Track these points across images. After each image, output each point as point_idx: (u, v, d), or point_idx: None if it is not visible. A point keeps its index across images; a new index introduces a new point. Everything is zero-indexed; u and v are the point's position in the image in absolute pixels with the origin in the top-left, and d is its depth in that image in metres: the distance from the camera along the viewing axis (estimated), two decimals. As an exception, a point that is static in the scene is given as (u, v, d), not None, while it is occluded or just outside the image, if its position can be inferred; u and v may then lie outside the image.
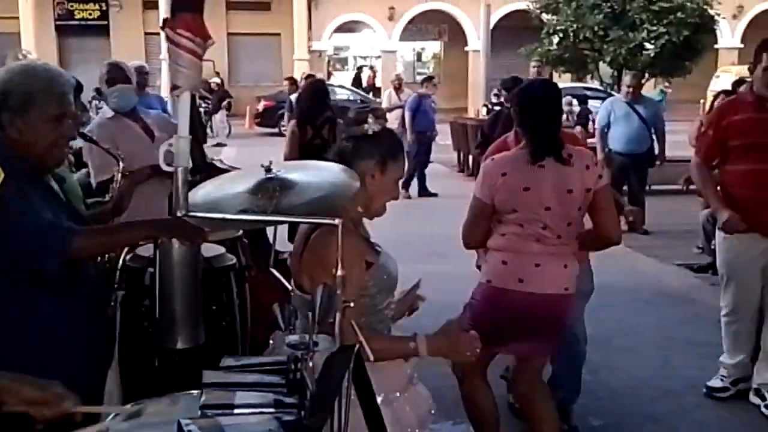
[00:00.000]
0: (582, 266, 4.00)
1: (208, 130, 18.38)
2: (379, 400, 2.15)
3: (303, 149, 6.08)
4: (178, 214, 2.11)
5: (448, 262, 6.56)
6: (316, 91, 6.58)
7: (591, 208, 3.14)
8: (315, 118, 6.22)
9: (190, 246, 2.41)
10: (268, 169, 2.12)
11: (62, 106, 2.17)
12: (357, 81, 29.81)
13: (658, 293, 6.37)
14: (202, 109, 17.99)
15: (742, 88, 6.05)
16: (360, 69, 31.98)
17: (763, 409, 4.13)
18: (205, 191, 2.29)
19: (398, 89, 13.72)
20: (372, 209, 2.32)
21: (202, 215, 2.05)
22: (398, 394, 2.33)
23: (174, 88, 2.12)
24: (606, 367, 4.17)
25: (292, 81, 13.76)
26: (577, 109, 15.61)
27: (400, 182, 2.41)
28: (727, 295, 4.29)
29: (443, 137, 16.13)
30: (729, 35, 29.35)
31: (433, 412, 2.46)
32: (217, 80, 22.53)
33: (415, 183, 11.75)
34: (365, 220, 2.40)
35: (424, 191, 11.66)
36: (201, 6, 2.21)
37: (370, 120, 2.23)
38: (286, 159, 6.22)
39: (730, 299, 4.28)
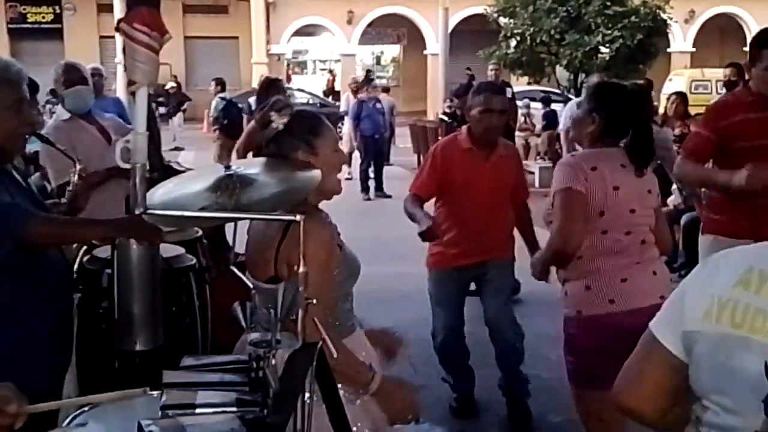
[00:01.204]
0: (506, 263, 4.19)
1: (168, 134, 18.15)
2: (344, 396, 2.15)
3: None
4: (136, 212, 2.09)
5: (406, 264, 6.57)
6: (269, 86, 6.51)
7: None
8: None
9: (148, 246, 2.38)
10: (227, 167, 2.10)
11: (19, 92, 2.18)
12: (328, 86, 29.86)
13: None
14: (159, 112, 17.81)
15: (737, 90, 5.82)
16: (332, 73, 31.91)
17: None
18: (164, 190, 2.27)
19: (356, 93, 13.78)
20: (327, 189, 2.28)
21: (160, 213, 2.02)
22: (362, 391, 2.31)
23: (131, 83, 2.09)
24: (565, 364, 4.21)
25: (219, 82, 13.47)
26: (535, 112, 15.77)
27: (358, 187, 2.41)
28: None
29: (404, 140, 16.20)
30: (681, 39, 29.93)
31: None
32: (173, 84, 22.25)
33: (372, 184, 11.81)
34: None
35: (380, 193, 11.70)
36: (157, 0, 2.18)
37: (274, 116, 2.20)
38: (242, 147, 6.15)
39: None
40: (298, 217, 1.75)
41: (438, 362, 4.40)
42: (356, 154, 12.73)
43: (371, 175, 12.00)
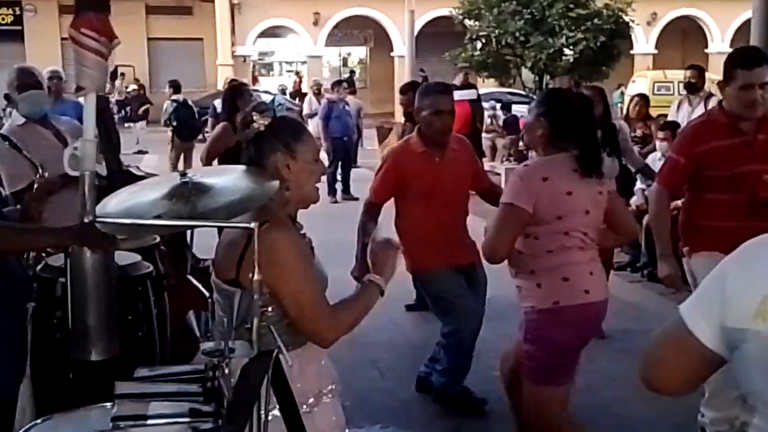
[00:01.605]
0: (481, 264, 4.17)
1: (132, 137, 17.92)
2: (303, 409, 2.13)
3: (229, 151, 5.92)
4: (86, 220, 2.05)
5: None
6: (233, 91, 6.43)
7: (609, 211, 3.11)
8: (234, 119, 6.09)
9: (102, 254, 2.34)
10: (183, 174, 2.07)
11: None
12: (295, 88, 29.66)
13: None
14: (120, 115, 17.60)
15: (710, 106, 5.75)
16: (298, 74, 31.75)
17: None
18: (118, 199, 2.22)
19: (318, 95, 13.77)
20: (304, 197, 2.27)
21: (111, 221, 1.98)
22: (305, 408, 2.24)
23: (78, 89, 2.05)
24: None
25: (172, 84, 13.33)
26: (501, 114, 15.85)
27: (325, 189, 2.40)
28: None
29: (371, 142, 16.19)
30: (644, 41, 30.32)
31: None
32: (135, 87, 21.98)
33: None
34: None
35: (347, 195, 11.69)
36: (107, 5, 2.14)
37: (255, 117, 2.19)
38: (207, 153, 6.12)
39: None
40: (252, 225, 1.73)
41: (401, 369, 4.40)
42: (323, 156, 12.70)
43: (339, 177, 11.97)
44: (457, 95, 11.74)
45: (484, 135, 12.51)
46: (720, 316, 1.37)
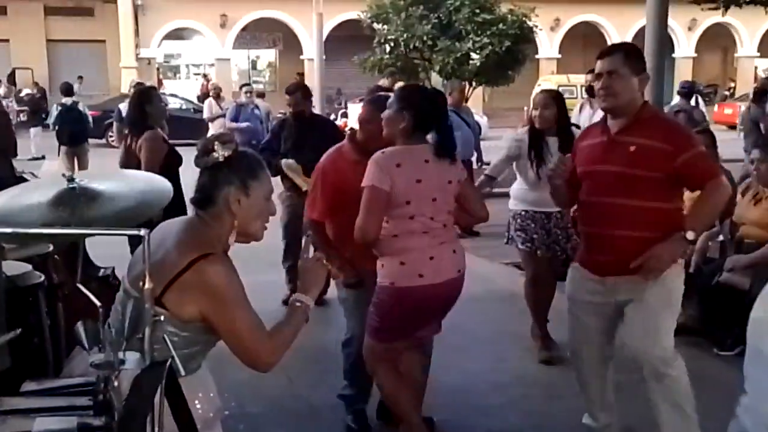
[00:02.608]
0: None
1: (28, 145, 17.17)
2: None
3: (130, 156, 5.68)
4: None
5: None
6: (141, 95, 6.10)
7: (462, 196, 3.51)
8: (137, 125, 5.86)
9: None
10: (70, 179, 1.99)
11: None
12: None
13: (488, 291, 6.61)
14: (20, 119, 16.90)
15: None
16: (206, 77, 31.12)
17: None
18: (-1, 202, 2.11)
19: (218, 98, 13.55)
20: (250, 233, 2.28)
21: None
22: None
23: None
24: (441, 365, 4.27)
25: (62, 87, 12.96)
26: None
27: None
28: (569, 332, 3.71)
29: (279, 145, 16.02)
30: (548, 46, 31.18)
31: None
32: (29, 90, 21.05)
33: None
34: None
35: None
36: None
37: (217, 146, 2.15)
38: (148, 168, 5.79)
39: (570, 337, 3.73)
40: (142, 232, 1.67)
41: (311, 375, 4.33)
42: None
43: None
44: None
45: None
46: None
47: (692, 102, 10.78)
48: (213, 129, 12.64)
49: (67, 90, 12.34)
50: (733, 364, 2.23)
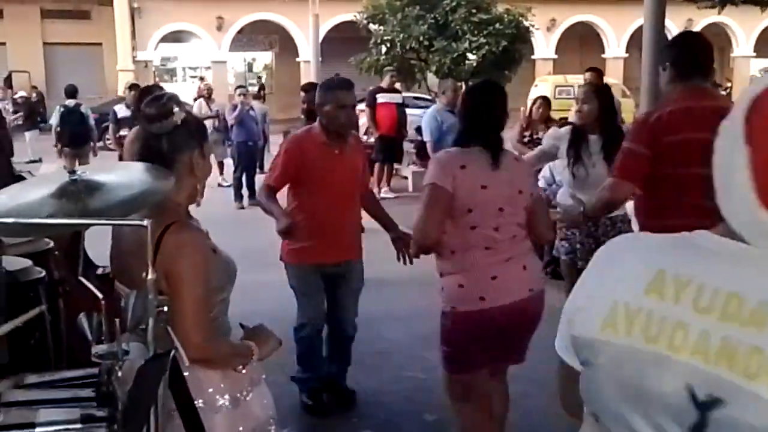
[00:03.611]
0: (360, 264, 4.30)
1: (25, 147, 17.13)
2: (220, 402, 2.09)
3: None
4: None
5: (282, 272, 6.47)
6: (143, 94, 6.19)
7: (529, 211, 3.14)
8: None
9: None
10: (72, 172, 1.98)
11: None
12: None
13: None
14: (17, 122, 16.84)
15: None
16: (203, 80, 31.05)
17: None
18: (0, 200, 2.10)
19: (208, 99, 13.56)
20: (196, 194, 2.26)
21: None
22: (244, 393, 2.24)
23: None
24: (438, 364, 4.27)
25: (66, 90, 13.02)
26: (411, 118, 15.90)
27: (232, 195, 2.36)
28: None
29: (278, 147, 16.05)
30: (544, 46, 31.20)
31: (269, 412, 2.38)
32: (24, 93, 20.99)
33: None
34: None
35: (253, 201, 11.53)
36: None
37: (175, 110, 2.11)
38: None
39: None
40: (145, 222, 1.67)
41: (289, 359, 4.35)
42: (229, 161, 12.49)
43: (245, 182, 11.80)
44: (385, 98, 11.85)
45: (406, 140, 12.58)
46: (569, 326, 1.21)
47: None
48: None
49: (72, 92, 12.37)
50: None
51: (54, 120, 12.13)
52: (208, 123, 12.01)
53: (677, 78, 3.29)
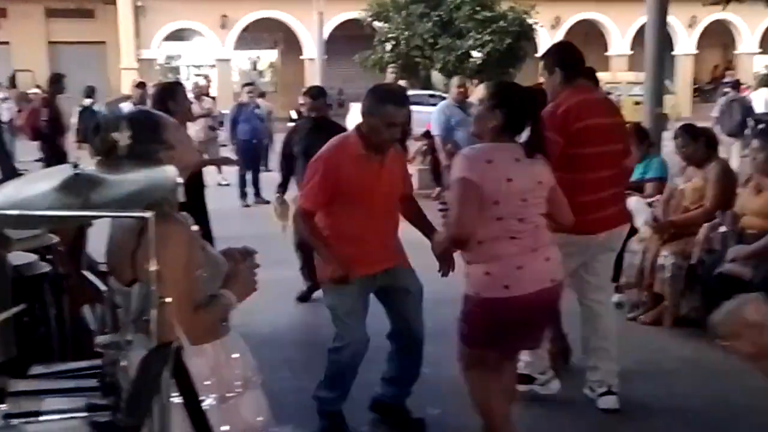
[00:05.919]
0: (409, 268, 4.05)
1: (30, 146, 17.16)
2: (206, 402, 2.11)
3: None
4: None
5: (287, 269, 6.52)
6: (163, 91, 5.81)
7: (549, 200, 3.30)
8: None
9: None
10: (75, 165, 2.00)
11: None
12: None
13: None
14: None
15: None
16: (207, 78, 31.02)
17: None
18: (3, 194, 2.12)
19: (199, 98, 13.55)
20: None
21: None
22: (233, 394, 2.27)
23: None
24: (445, 357, 4.28)
25: (86, 91, 13.23)
26: (416, 116, 15.88)
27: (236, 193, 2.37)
28: None
29: (282, 145, 16.05)
30: (548, 44, 31.07)
31: (260, 418, 2.39)
32: (37, 91, 21.06)
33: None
34: None
35: (259, 199, 11.55)
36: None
37: (116, 137, 2.14)
38: None
39: None
40: (147, 214, 1.69)
41: (313, 367, 4.30)
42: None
43: (250, 180, 11.80)
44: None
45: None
46: None
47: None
48: (192, 128, 12.52)
49: (89, 93, 12.77)
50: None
51: (74, 118, 12.49)
52: (201, 121, 11.86)
53: (567, 78, 4.09)
